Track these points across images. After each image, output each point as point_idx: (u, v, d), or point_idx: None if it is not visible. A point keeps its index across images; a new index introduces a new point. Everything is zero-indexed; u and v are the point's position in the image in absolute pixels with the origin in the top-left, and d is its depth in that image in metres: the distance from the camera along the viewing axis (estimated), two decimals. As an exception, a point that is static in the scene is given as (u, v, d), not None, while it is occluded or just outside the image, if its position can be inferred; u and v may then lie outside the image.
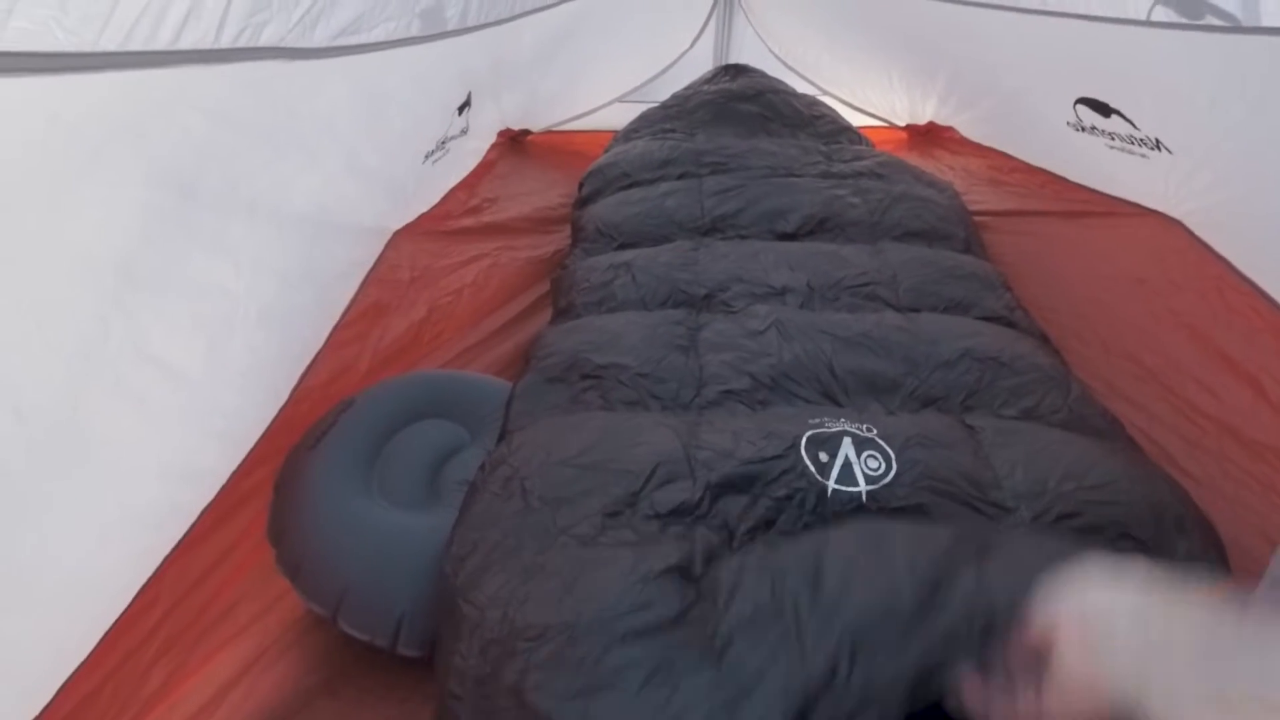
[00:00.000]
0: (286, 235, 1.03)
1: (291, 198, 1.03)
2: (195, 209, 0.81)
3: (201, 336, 0.86)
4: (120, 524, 0.78)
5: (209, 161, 0.82)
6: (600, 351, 1.09)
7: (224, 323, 0.89)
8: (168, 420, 0.82)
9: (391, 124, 1.38)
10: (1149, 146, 1.55)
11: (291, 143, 1.01)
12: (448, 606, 0.76)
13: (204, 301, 0.86)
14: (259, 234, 0.95)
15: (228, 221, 0.88)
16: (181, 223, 0.78)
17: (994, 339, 1.13)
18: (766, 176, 1.69)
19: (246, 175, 0.91)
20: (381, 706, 0.81)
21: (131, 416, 0.77)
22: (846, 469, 0.83)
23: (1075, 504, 0.80)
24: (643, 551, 0.75)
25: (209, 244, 0.85)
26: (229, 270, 0.89)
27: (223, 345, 0.90)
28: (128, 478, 0.78)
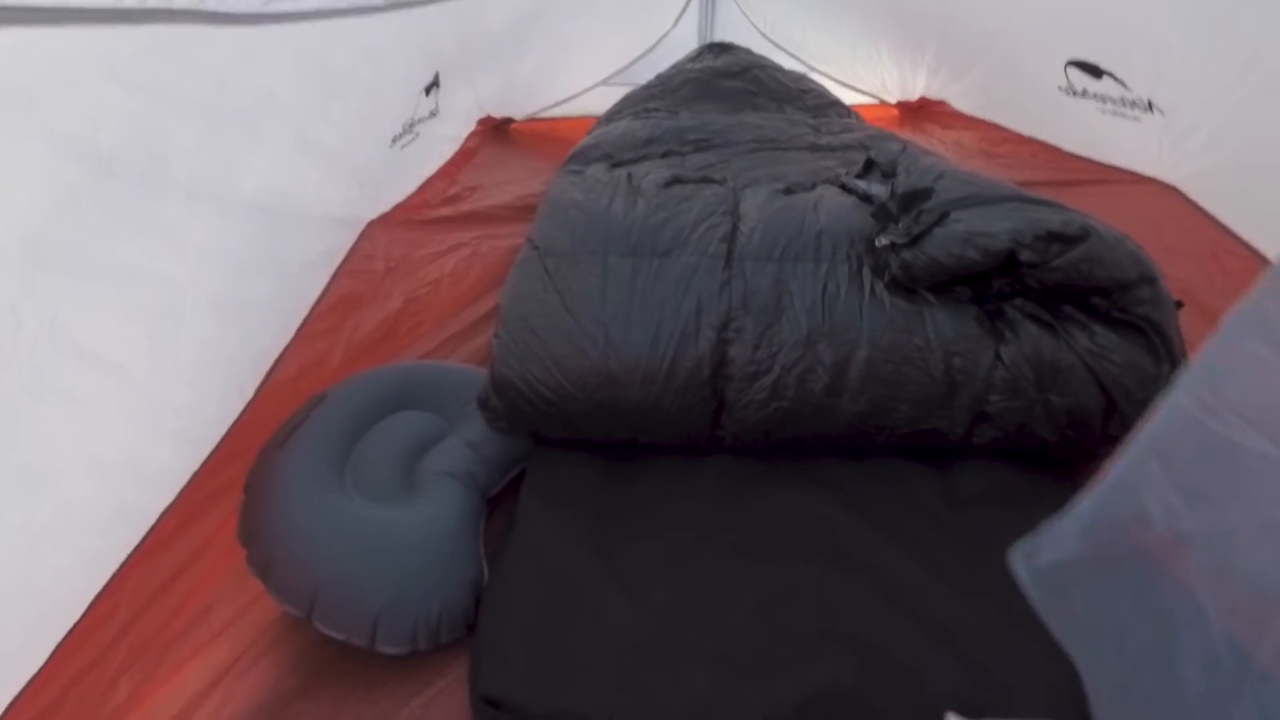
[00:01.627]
0: (238, 220, 0.99)
1: (238, 180, 0.98)
2: (116, 185, 0.76)
3: (139, 327, 0.81)
4: (57, 528, 0.74)
5: (128, 133, 0.77)
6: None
7: (167, 313, 0.85)
8: (105, 416, 0.78)
9: (347, 102, 1.33)
10: (1141, 109, 1.52)
11: (229, 117, 0.96)
12: None
13: (137, 289, 0.81)
14: (202, 217, 0.91)
15: (160, 201, 0.83)
16: (99, 200, 0.74)
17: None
18: (753, 150, 1.65)
19: (179, 151, 0.86)
20: (361, 707, 0.78)
21: (58, 412, 0.72)
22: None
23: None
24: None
25: (138, 225, 0.80)
26: (168, 255, 0.85)
27: (168, 337, 0.85)
28: (60, 478, 0.74)
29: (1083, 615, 0.61)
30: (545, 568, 0.84)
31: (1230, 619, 0.49)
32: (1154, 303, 0.89)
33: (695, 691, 0.70)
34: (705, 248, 1.02)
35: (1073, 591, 0.62)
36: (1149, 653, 0.55)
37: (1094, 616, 0.60)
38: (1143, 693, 0.55)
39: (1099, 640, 0.59)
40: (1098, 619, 0.59)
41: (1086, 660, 0.60)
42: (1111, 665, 0.58)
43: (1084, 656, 0.61)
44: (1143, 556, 0.56)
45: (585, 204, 1.14)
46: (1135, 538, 0.57)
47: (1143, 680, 0.55)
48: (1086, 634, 0.61)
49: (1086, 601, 0.61)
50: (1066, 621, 0.62)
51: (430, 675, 0.79)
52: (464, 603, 0.82)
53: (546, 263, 1.04)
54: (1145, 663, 0.55)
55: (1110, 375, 0.88)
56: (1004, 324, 0.93)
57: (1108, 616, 0.59)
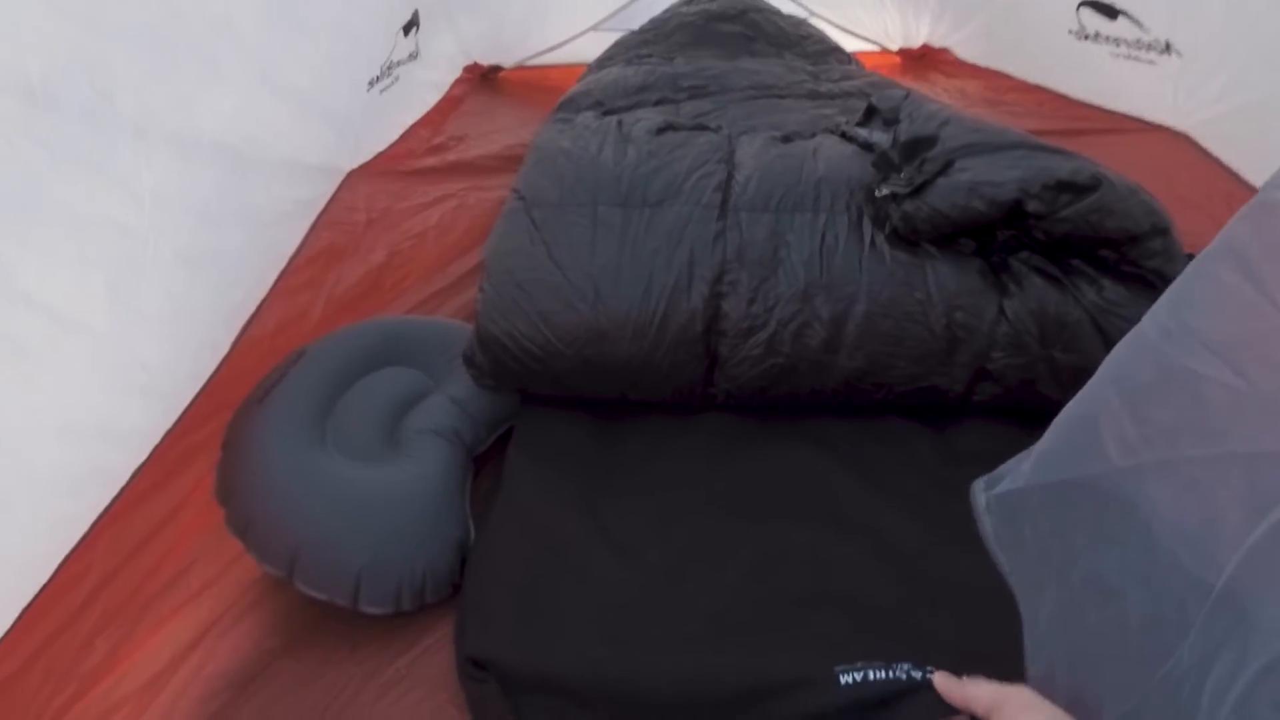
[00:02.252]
0: (198, 165, 0.93)
1: (197, 120, 0.92)
2: (57, 121, 0.71)
3: (95, 278, 0.77)
4: (19, 490, 0.71)
5: (63, 62, 0.72)
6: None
7: (127, 263, 0.80)
8: (65, 372, 0.75)
9: (316, 40, 1.26)
10: (1158, 50, 1.46)
11: (182, 51, 0.90)
12: None
13: (89, 236, 0.77)
14: (159, 161, 0.85)
15: (108, 141, 0.78)
16: (35, 136, 0.68)
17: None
18: (750, 98, 1.59)
19: (126, 86, 0.80)
20: (346, 666, 0.77)
21: (10, 368, 0.69)
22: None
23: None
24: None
25: (84, 166, 0.75)
26: (123, 202, 0.80)
27: (129, 289, 0.81)
28: (18, 438, 0.71)
29: (1032, 544, 0.61)
30: (533, 526, 0.82)
31: (1185, 551, 0.48)
32: (1165, 255, 0.86)
33: (685, 649, 0.68)
34: (699, 197, 0.98)
35: (1024, 521, 0.62)
36: (1096, 582, 0.54)
37: (1044, 546, 0.59)
38: (1086, 622, 0.55)
39: (1046, 569, 0.59)
40: (1048, 548, 0.59)
41: (1030, 590, 0.60)
42: (1056, 594, 0.57)
43: (1028, 586, 0.60)
44: (1096, 486, 0.55)
45: (573, 152, 1.09)
46: (1090, 467, 0.56)
47: (1087, 610, 0.54)
48: (1035, 563, 0.60)
49: (1037, 531, 0.61)
50: (1016, 551, 0.63)
51: (415, 635, 0.78)
52: (449, 562, 0.80)
53: (533, 214, 1.00)
54: (1092, 592, 0.54)
55: (1118, 331, 0.85)
56: (1009, 278, 0.90)
57: (1057, 546, 0.58)
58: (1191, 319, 0.50)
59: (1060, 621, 0.57)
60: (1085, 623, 0.55)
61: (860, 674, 0.64)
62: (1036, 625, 0.59)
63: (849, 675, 0.64)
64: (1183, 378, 0.49)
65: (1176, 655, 0.47)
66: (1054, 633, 0.57)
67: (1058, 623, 0.57)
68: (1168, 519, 0.50)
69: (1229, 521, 0.45)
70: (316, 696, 0.73)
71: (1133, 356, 0.54)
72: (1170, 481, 0.50)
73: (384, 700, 0.72)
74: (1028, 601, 0.60)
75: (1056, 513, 0.59)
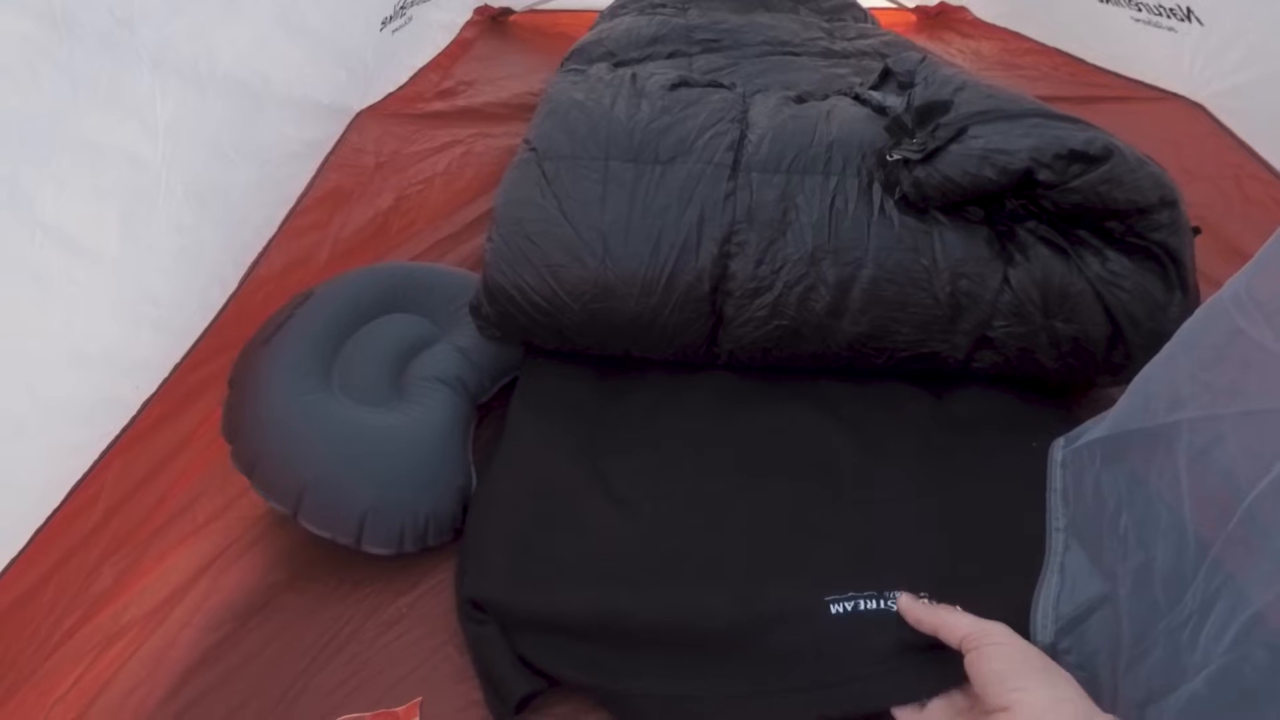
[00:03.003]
0: (213, 99, 0.92)
1: (214, 53, 0.91)
2: (78, 49, 0.70)
3: (110, 209, 0.77)
4: (34, 415, 0.72)
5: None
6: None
7: (139, 195, 0.80)
8: (80, 302, 0.75)
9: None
10: (1179, 17, 1.43)
11: None
12: None
13: (104, 166, 0.76)
14: (174, 92, 0.85)
15: (128, 71, 0.77)
16: (59, 63, 0.68)
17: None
18: (764, 54, 1.56)
19: (145, 16, 0.79)
20: (348, 602, 0.79)
21: (28, 295, 0.69)
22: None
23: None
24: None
25: (103, 97, 0.74)
26: (137, 133, 0.79)
27: (141, 222, 0.81)
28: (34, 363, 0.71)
29: (1092, 497, 0.63)
30: (533, 475, 0.83)
31: (1199, 506, 0.51)
32: (1172, 228, 0.86)
33: (679, 585, 0.70)
34: (710, 156, 0.97)
35: (1088, 474, 0.64)
36: (1136, 531, 0.57)
37: (1101, 497, 0.62)
38: (1119, 573, 0.57)
39: (1102, 519, 0.61)
40: (1104, 499, 0.61)
41: (1091, 541, 0.62)
42: (1109, 544, 0.60)
43: (1089, 538, 0.62)
44: (1145, 440, 0.58)
45: (587, 104, 1.08)
46: (1144, 421, 0.59)
47: (1124, 559, 0.57)
48: (1093, 515, 0.63)
49: (1098, 483, 0.63)
50: (1079, 503, 0.65)
51: (416, 577, 0.79)
52: (451, 507, 0.82)
53: (544, 166, 0.99)
54: (1132, 541, 0.57)
55: (1119, 302, 0.86)
56: (1014, 247, 0.89)
57: (1111, 497, 0.61)
58: (1259, 286, 0.51)
59: (1111, 569, 0.59)
60: (1119, 572, 0.57)
61: (851, 604, 0.66)
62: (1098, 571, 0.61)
63: (839, 605, 0.66)
64: (1236, 340, 0.51)
65: (1183, 603, 0.50)
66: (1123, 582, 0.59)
67: (1110, 570, 0.59)
68: (1194, 470, 0.52)
69: (1243, 472, 0.48)
70: (318, 630, 0.75)
71: (1204, 317, 0.55)
72: (1198, 437, 0.53)
73: (384, 637, 0.74)
74: (1090, 551, 0.62)
75: (1112, 465, 0.62)
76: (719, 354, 0.95)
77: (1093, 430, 0.68)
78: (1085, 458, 0.66)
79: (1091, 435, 0.67)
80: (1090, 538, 0.62)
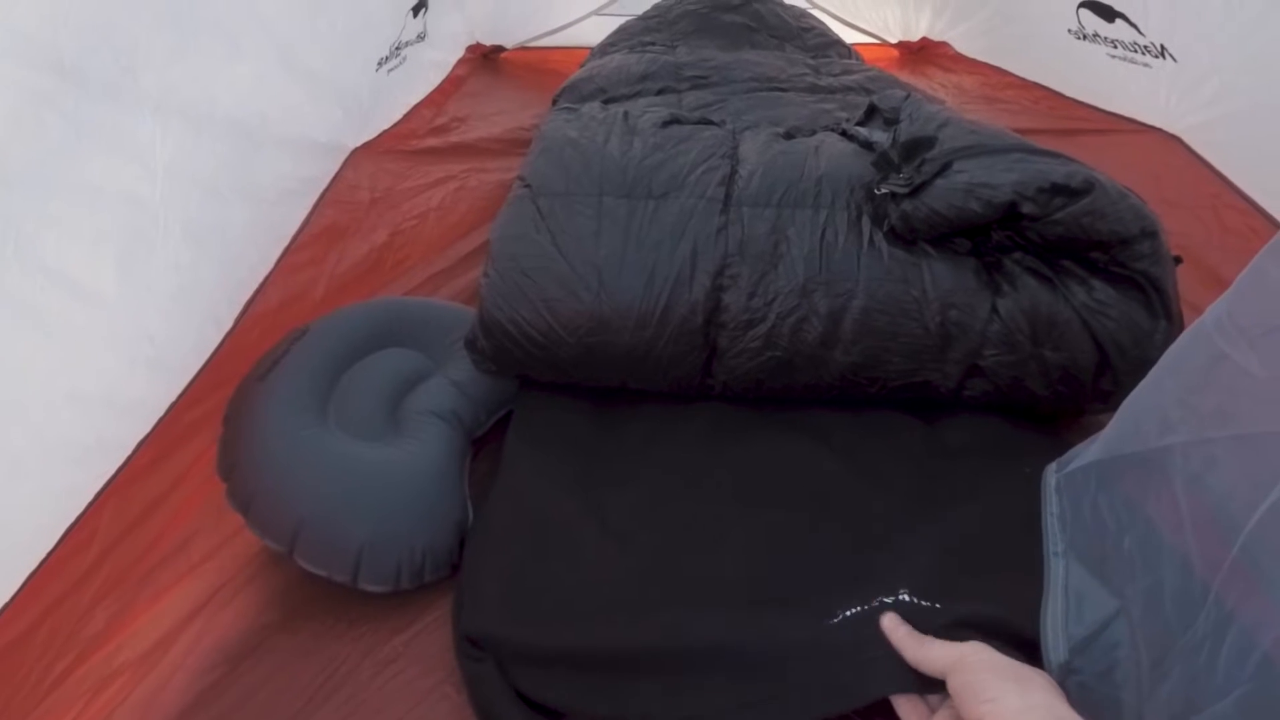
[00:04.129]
0: (211, 141, 0.94)
1: (215, 97, 0.93)
2: (83, 98, 0.72)
3: (109, 250, 0.78)
4: (32, 459, 0.72)
5: (94, 40, 0.73)
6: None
7: (138, 236, 0.81)
8: (78, 343, 0.76)
9: (334, 20, 1.26)
10: (1153, 54, 1.48)
11: (205, 29, 0.91)
12: None
13: (105, 209, 0.78)
14: (174, 135, 0.86)
15: (130, 117, 0.79)
16: (65, 112, 0.69)
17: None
18: (751, 90, 1.60)
19: (149, 63, 0.81)
20: (343, 642, 0.78)
21: (30, 338, 0.70)
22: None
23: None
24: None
25: (106, 142, 0.76)
26: (137, 174, 0.81)
27: (140, 262, 0.82)
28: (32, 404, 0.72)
29: (1091, 518, 0.64)
30: (529, 509, 0.83)
31: (1199, 530, 0.52)
32: (1154, 258, 0.88)
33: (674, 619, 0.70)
34: (703, 191, 0.99)
35: (1085, 497, 0.65)
36: (1140, 551, 0.57)
37: (1100, 519, 0.63)
38: (1128, 593, 0.58)
39: (1105, 541, 0.62)
40: (1103, 521, 0.62)
41: (1094, 562, 0.63)
42: (1114, 565, 0.60)
43: (1092, 560, 0.63)
44: (1140, 465, 0.59)
45: (580, 142, 1.10)
46: (1136, 445, 0.60)
47: (1132, 580, 0.58)
48: (1094, 535, 0.63)
49: (1095, 505, 0.64)
50: (1078, 526, 0.65)
51: (414, 614, 0.79)
52: (448, 542, 0.82)
53: (539, 202, 1.00)
54: (1137, 563, 0.57)
55: (1106, 330, 0.88)
56: (1002, 277, 0.91)
57: (1111, 519, 0.61)
58: (1240, 310, 0.52)
59: (1120, 589, 0.60)
60: (1129, 595, 0.58)
61: (847, 612, 0.67)
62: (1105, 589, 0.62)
63: (836, 618, 0.67)
64: (1220, 364, 0.52)
65: (1195, 625, 0.51)
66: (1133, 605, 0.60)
67: (1119, 590, 0.60)
68: (1191, 495, 0.53)
69: (1239, 498, 0.49)
70: (313, 671, 0.74)
71: (1189, 342, 0.57)
72: (1195, 460, 0.54)
73: (380, 676, 0.73)
74: (1095, 572, 0.63)
75: (1108, 489, 0.62)
76: (713, 385, 0.96)
77: (1085, 454, 0.69)
78: (1080, 482, 0.67)
79: (1084, 459, 0.68)
80: (1094, 559, 0.63)
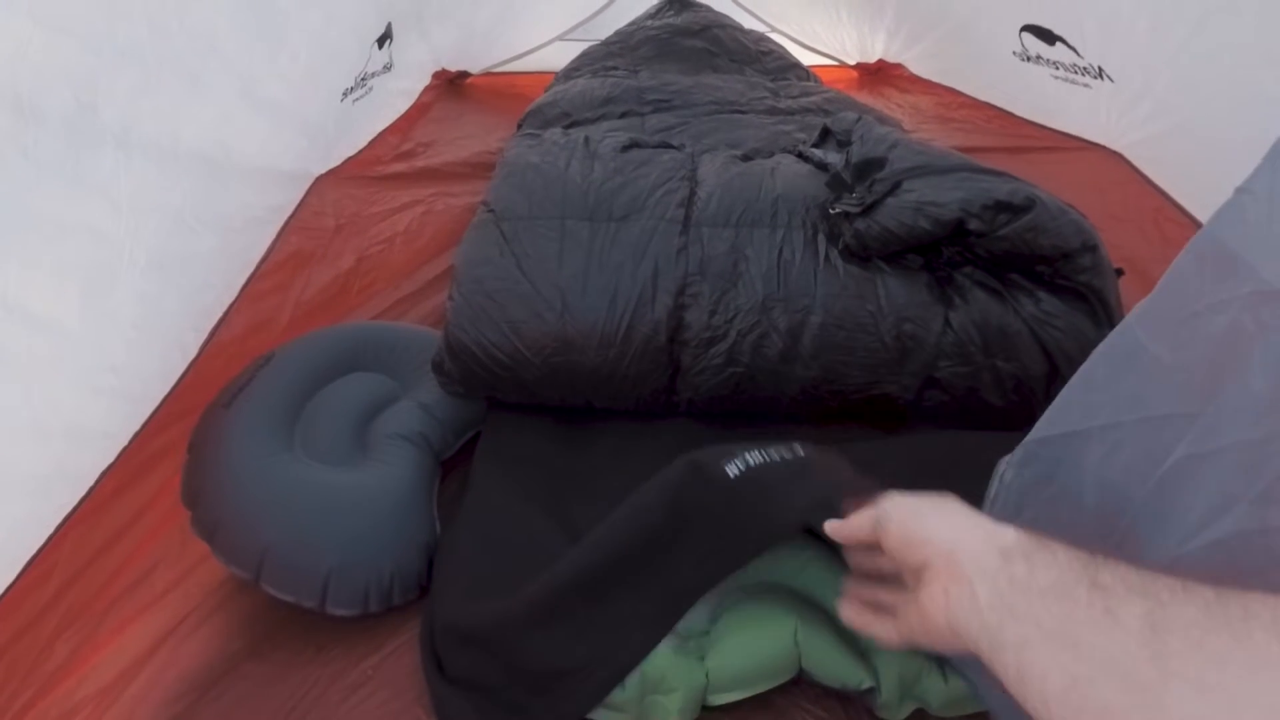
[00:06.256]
0: (175, 173, 0.94)
1: (177, 131, 0.93)
2: (41, 134, 0.72)
3: (71, 283, 0.78)
4: (-9, 491, 0.72)
5: (52, 78, 0.73)
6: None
7: (102, 269, 0.81)
8: (39, 375, 0.75)
9: (296, 53, 1.27)
10: (1092, 75, 1.54)
11: (166, 65, 0.92)
12: None
13: (68, 243, 0.78)
14: (137, 170, 0.87)
15: (91, 152, 0.79)
16: (23, 148, 0.70)
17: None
18: (712, 113, 1.64)
19: (111, 99, 0.82)
20: (311, 668, 0.78)
21: (-9, 370, 0.70)
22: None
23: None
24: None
25: (67, 176, 0.76)
26: (100, 209, 0.81)
27: (103, 293, 0.82)
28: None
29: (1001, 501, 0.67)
30: (497, 527, 0.84)
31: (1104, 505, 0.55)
32: (1095, 270, 0.92)
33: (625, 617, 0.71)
34: (663, 212, 1.01)
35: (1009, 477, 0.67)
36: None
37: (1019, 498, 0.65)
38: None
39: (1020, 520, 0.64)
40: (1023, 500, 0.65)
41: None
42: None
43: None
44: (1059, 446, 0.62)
45: (542, 167, 1.12)
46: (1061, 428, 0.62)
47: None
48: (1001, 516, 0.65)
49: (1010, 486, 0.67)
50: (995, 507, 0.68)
51: (383, 637, 0.79)
52: (417, 564, 0.82)
53: (502, 226, 1.02)
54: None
55: (1054, 340, 0.91)
56: (953, 291, 0.95)
57: (1031, 497, 0.64)
58: (1157, 301, 0.55)
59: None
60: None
61: (742, 462, 0.69)
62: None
63: (733, 466, 0.69)
64: (1139, 354, 0.55)
65: None
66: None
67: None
68: (1097, 475, 0.56)
69: (1137, 475, 0.52)
70: (281, 699, 0.73)
71: (1116, 335, 0.59)
72: (1106, 442, 0.57)
73: (349, 701, 0.73)
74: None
75: (1030, 468, 0.65)
76: (678, 402, 0.98)
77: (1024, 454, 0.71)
78: (1020, 461, 0.70)
79: (1025, 439, 0.71)
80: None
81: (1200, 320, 0.50)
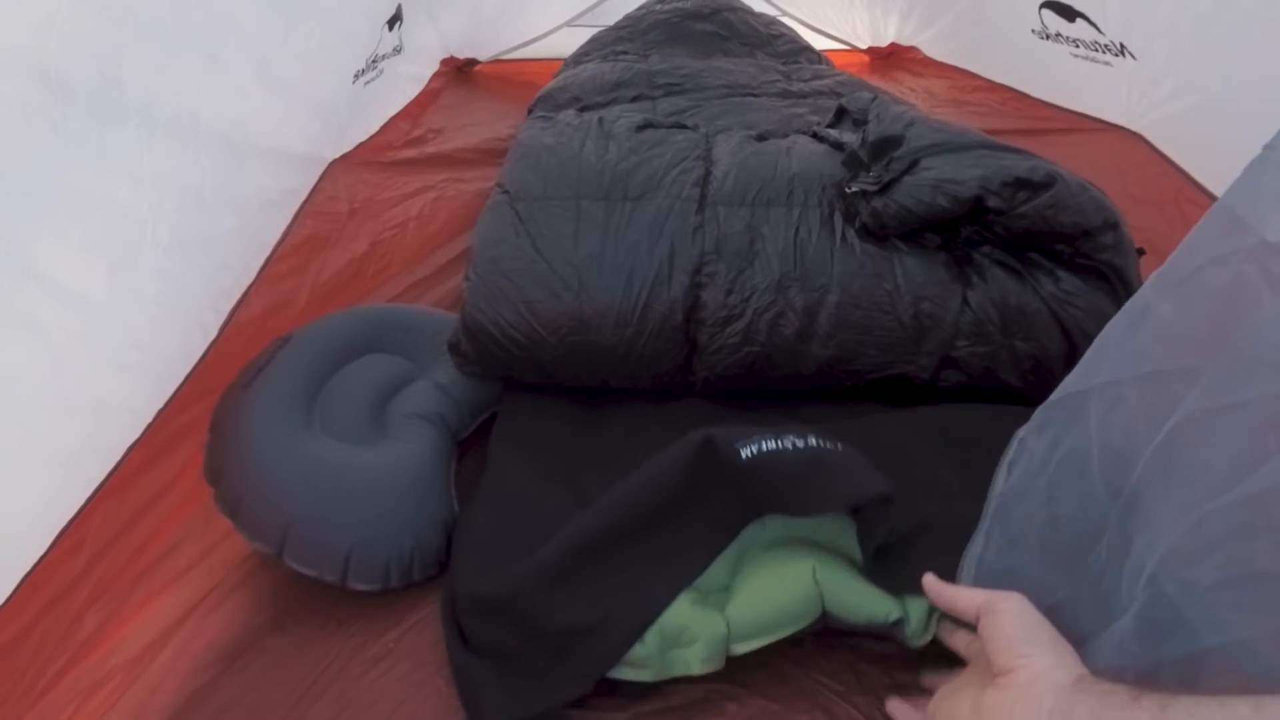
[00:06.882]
0: (197, 152, 0.95)
1: (198, 108, 0.94)
2: (69, 107, 0.73)
3: (100, 258, 0.79)
4: (25, 463, 0.73)
5: (79, 52, 0.74)
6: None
7: (128, 245, 0.82)
8: (68, 349, 0.76)
9: (310, 32, 1.28)
10: (1113, 53, 1.52)
11: (186, 41, 0.92)
12: None
13: (94, 217, 0.79)
14: (161, 146, 0.87)
15: (116, 128, 0.80)
16: (52, 122, 0.71)
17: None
18: (724, 96, 1.63)
19: (134, 74, 0.82)
20: (333, 641, 0.79)
21: (21, 343, 0.70)
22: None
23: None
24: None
25: (93, 152, 0.77)
26: (125, 185, 0.82)
27: (128, 270, 0.83)
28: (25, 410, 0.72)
29: (1031, 459, 0.68)
30: (516, 506, 0.84)
31: (1107, 462, 0.56)
32: (1116, 249, 0.91)
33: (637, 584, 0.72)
34: (678, 192, 1.01)
35: (1026, 443, 0.68)
36: (1051, 489, 0.62)
37: (1031, 460, 0.66)
38: (1036, 525, 0.62)
39: (1034, 479, 0.65)
40: (1034, 462, 0.66)
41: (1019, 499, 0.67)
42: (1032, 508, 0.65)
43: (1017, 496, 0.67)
44: (1066, 406, 0.64)
45: (556, 148, 1.12)
46: (1069, 389, 0.64)
47: (1042, 514, 0.63)
48: (1026, 475, 0.67)
49: (1036, 446, 0.67)
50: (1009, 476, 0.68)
51: (403, 612, 0.80)
52: (436, 541, 0.83)
53: (518, 207, 1.02)
54: (1046, 499, 0.63)
55: (1073, 320, 0.91)
56: (971, 270, 0.94)
57: (1040, 457, 0.65)
58: (1173, 265, 0.56)
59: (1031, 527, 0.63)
60: (1036, 526, 0.62)
61: (756, 446, 0.70)
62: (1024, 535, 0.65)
63: (747, 449, 0.70)
64: (1146, 314, 0.56)
65: (1096, 552, 0.54)
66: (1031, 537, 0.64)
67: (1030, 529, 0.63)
68: (1099, 433, 0.57)
69: (1140, 432, 0.52)
70: (304, 670, 0.74)
71: (1131, 301, 0.60)
72: (1106, 400, 0.57)
73: (370, 674, 0.74)
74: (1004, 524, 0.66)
75: (1044, 431, 0.66)
76: (694, 382, 0.98)
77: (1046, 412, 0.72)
78: (1036, 423, 0.70)
79: (1045, 419, 0.71)
80: (1017, 497, 0.67)
81: (1203, 274, 0.51)
